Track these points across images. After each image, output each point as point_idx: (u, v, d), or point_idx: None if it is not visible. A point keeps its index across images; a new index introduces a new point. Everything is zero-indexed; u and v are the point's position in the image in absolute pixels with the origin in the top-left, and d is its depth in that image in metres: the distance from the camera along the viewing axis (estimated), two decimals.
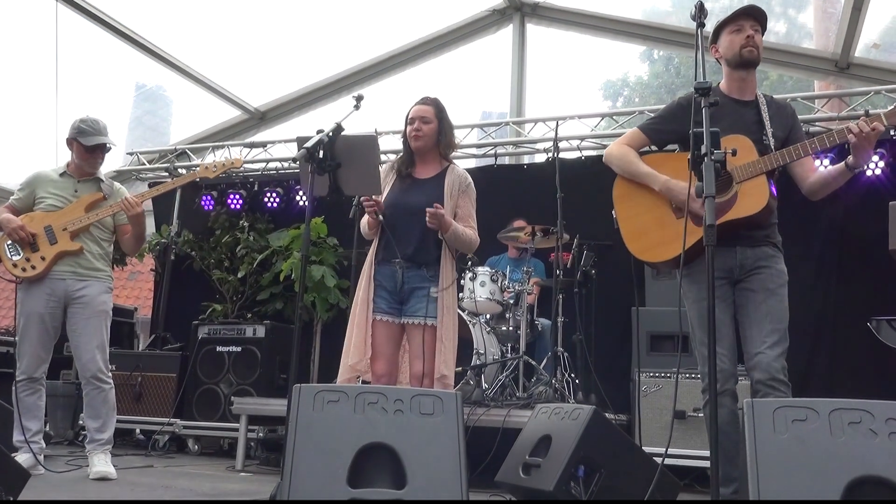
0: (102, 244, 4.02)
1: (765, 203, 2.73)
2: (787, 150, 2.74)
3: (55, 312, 3.87)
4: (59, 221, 3.89)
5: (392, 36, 7.53)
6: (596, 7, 7.10)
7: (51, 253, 3.84)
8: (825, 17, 8.36)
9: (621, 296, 5.59)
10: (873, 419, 1.83)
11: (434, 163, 3.63)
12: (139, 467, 4.49)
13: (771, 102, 2.95)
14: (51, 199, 3.95)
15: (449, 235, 3.46)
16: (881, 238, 3.12)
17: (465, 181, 3.61)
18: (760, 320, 2.75)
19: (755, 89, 2.98)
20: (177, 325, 6.82)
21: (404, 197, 3.53)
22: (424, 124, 3.56)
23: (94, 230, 3.97)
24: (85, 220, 3.91)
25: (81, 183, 4.03)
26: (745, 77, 2.94)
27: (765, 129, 2.84)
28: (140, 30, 6.71)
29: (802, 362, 5.20)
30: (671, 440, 2.97)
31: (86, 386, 3.89)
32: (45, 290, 3.84)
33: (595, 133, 6.45)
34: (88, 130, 3.95)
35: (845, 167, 2.74)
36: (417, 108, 3.60)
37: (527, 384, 4.89)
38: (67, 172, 4.04)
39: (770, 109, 2.91)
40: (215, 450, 5.79)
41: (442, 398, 2.31)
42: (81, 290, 3.87)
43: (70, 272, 3.87)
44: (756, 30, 2.87)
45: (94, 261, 3.95)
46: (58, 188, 3.98)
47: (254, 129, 8.10)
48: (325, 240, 6.53)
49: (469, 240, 3.57)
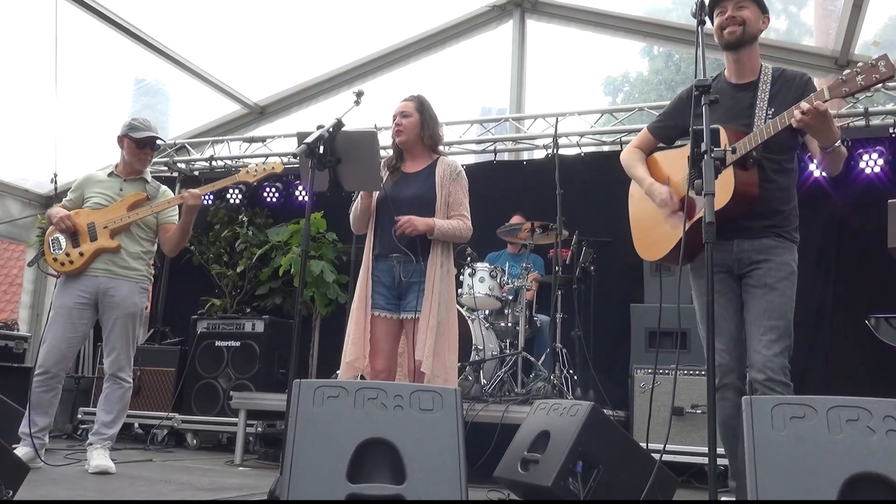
0: (143, 243, 4.04)
1: (728, 197, 2.60)
2: (741, 141, 2.62)
3: (84, 310, 3.88)
4: (102, 219, 3.93)
5: (392, 31, 7.53)
6: (596, 3, 7.09)
7: (90, 249, 3.88)
8: (825, 14, 8.37)
9: (620, 292, 5.61)
10: (871, 416, 1.84)
11: (423, 156, 3.64)
12: (138, 461, 4.50)
13: (778, 78, 2.79)
14: (97, 197, 4.00)
15: (436, 235, 3.47)
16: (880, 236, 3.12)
17: (455, 170, 3.62)
18: (758, 317, 2.67)
19: (756, 68, 2.84)
20: (176, 319, 6.85)
21: (395, 191, 3.54)
22: (404, 118, 3.59)
23: (136, 229, 4.01)
24: (126, 219, 3.94)
25: (127, 182, 4.08)
26: (738, 58, 2.83)
27: (755, 113, 2.74)
28: (140, 24, 6.69)
29: (800, 359, 5.18)
30: (669, 436, 2.96)
31: (107, 381, 3.93)
32: (78, 286, 3.88)
33: (594, 129, 6.45)
34: (139, 126, 4.05)
35: (821, 149, 2.62)
36: (399, 105, 3.66)
37: (525, 380, 4.90)
38: (115, 172, 4.11)
39: (774, 87, 2.77)
40: (214, 444, 5.81)
41: (441, 394, 2.32)
42: (113, 289, 3.89)
43: (104, 270, 3.90)
44: (741, 6, 2.75)
45: (131, 260, 3.97)
46: (104, 187, 4.04)
47: (253, 124, 8.09)
48: (324, 235, 6.53)
49: (458, 231, 3.54)
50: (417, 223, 3.40)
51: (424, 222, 3.42)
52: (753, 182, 2.67)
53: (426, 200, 3.51)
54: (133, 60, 7.54)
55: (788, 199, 2.79)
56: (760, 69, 2.85)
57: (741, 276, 2.78)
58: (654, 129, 3.09)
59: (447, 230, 3.50)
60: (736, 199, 2.63)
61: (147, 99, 8.86)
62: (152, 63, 7.29)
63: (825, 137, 2.53)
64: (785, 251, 2.73)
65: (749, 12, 2.75)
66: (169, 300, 7.17)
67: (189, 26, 7.00)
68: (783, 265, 2.70)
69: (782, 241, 2.74)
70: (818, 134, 2.53)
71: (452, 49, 7.62)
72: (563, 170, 5.05)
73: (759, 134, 2.60)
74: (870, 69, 2.38)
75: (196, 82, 7.46)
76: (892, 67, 2.34)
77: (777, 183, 2.75)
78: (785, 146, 2.76)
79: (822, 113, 2.43)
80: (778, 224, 2.74)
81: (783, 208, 2.77)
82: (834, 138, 2.53)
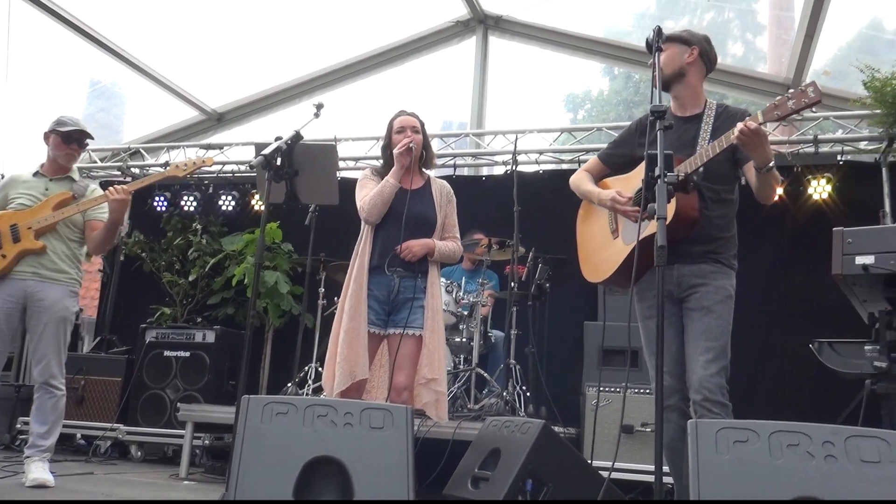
0: (71, 244, 3.88)
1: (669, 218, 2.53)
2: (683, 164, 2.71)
3: (12, 313, 3.74)
4: (26, 220, 3.77)
5: (355, 42, 7.51)
6: (558, 23, 7.19)
7: (12, 252, 3.72)
8: (779, 42, 8.62)
9: (574, 309, 5.65)
10: (811, 441, 1.88)
11: (417, 174, 3.61)
12: (79, 474, 4.36)
13: (721, 113, 2.90)
14: (21, 198, 3.85)
15: (436, 257, 3.50)
16: (827, 261, 3.20)
17: (449, 191, 3.68)
18: (696, 338, 2.74)
19: (699, 101, 2.96)
20: (124, 327, 6.70)
21: (399, 207, 3.45)
22: (416, 133, 3.54)
23: (63, 229, 3.85)
24: (51, 219, 3.78)
25: (53, 182, 3.93)
26: (675, 95, 2.97)
27: (698, 143, 2.83)
28: (97, 25, 6.57)
29: (747, 382, 5.31)
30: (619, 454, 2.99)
31: (38, 390, 3.76)
32: (4, 290, 3.72)
33: (553, 147, 6.52)
34: (67, 122, 3.91)
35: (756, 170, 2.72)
36: (404, 118, 3.59)
37: (478, 396, 4.90)
38: (40, 172, 3.96)
39: (717, 121, 2.88)
40: (159, 456, 5.67)
41: (392, 412, 2.31)
42: (41, 293, 3.74)
43: (31, 273, 3.74)
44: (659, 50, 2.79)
45: (59, 262, 3.81)
46: (29, 187, 3.88)
47: (211, 131, 7.98)
48: (279, 245, 6.47)
49: (453, 254, 3.62)
50: (416, 250, 3.40)
51: (423, 246, 3.43)
52: (694, 206, 2.75)
53: (429, 220, 3.54)
54: (89, 62, 7.40)
55: (727, 228, 2.89)
56: (705, 103, 2.96)
57: (681, 300, 2.85)
58: (604, 157, 3.18)
59: (445, 252, 3.54)
60: (677, 220, 2.69)
61: (102, 102, 8.69)
62: (109, 65, 7.17)
63: (760, 157, 2.63)
64: (722, 276, 2.81)
65: (665, 56, 2.85)
66: (118, 308, 7.00)
67: (148, 30, 6.89)
68: (720, 289, 2.78)
69: (720, 266, 2.83)
70: (754, 153, 2.63)
71: (415, 62, 7.65)
72: (522, 186, 5.09)
73: (701, 155, 2.71)
74: (800, 94, 2.53)
75: (153, 86, 7.35)
76: (819, 93, 2.50)
77: (716, 211, 2.85)
78: (725, 176, 2.88)
79: (755, 131, 2.54)
80: (716, 250, 2.83)
81: (721, 235, 2.86)
82: (768, 158, 2.64)
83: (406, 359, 3.37)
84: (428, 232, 3.51)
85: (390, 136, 3.59)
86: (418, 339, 3.41)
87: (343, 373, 3.24)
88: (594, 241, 3.11)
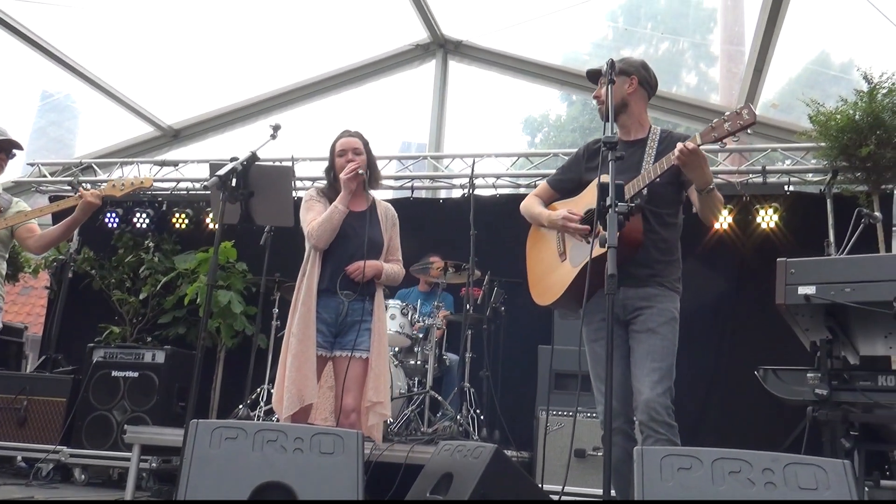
0: None
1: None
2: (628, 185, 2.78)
3: None
4: None
5: (314, 63, 7.53)
6: (517, 50, 7.31)
7: None
8: (729, 75, 8.86)
9: (529, 333, 5.69)
10: (751, 468, 1.93)
11: (362, 195, 3.61)
12: (18, 499, 4.22)
13: (665, 139, 2.96)
14: None
15: (382, 280, 3.53)
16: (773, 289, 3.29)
17: (394, 214, 3.70)
18: (642, 359, 2.78)
19: (643, 126, 3.05)
20: (70, 346, 6.52)
21: (348, 230, 3.46)
22: (358, 155, 3.52)
23: None
24: None
25: None
26: (620, 123, 3.04)
27: (643, 167, 2.89)
28: (50, 37, 6.46)
29: (695, 409, 5.39)
30: (568, 478, 3.01)
31: None
32: None
33: (510, 172, 6.60)
34: None
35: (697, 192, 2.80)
36: (347, 140, 3.57)
37: (432, 419, 4.89)
38: None
39: (661, 146, 2.95)
40: (104, 480, 5.51)
41: (343, 437, 2.29)
42: None
43: None
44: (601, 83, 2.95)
45: None
46: None
47: (166, 147, 7.89)
48: (234, 264, 6.39)
49: (397, 276, 3.64)
50: (367, 271, 3.41)
51: (373, 268, 3.45)
52: (638, 228, 2.80)
53: (377, 243, 3.54)
54: (41, 74, 7.26)
55: (671, 251, 2.95)
56: (650, 129, 3.04)
57: (627, 323, 2.90)
58: (553, 182, 3.24)
59: (391, 275, 3.57)
60: (621, 243, 2.71)
61: (54, 115, 8.52)
62: (61, 78, 7.05)
63: (700, 178, 2.72)
64: (667, 299, 2.87)
65: (605, 89, 2.86)
66: (64, 326, 6.81)
67: (104, 44, 6.80)
68: (665, 311, 2.84)
69: (664, 289, 2.88)
70: (693, 173, 2.71)
71: (375, 84, 7.70)
72: (479, 210, 5.13)
73: (643, 177, 2.79)
74: (735, 117, 2.61)
75: (108, 101, 7.25)
76: (753, 115, 2.58)
77: (660, 234, 2.91)
78: (669, 200, 2.95)
79: (693, 151, 2.63)
80: (660, 273, 2.89)
81: (665, 259, 2.92)
82: (708, 179, 2.73)
83: (353, 381, 3.36)
84: (376, 255, 3.52)
85: (333, 158, 3.58)
86: (365, 361, 3.41)
87: (291, 397, 3.23)
88: (542, 264, 3.15)
